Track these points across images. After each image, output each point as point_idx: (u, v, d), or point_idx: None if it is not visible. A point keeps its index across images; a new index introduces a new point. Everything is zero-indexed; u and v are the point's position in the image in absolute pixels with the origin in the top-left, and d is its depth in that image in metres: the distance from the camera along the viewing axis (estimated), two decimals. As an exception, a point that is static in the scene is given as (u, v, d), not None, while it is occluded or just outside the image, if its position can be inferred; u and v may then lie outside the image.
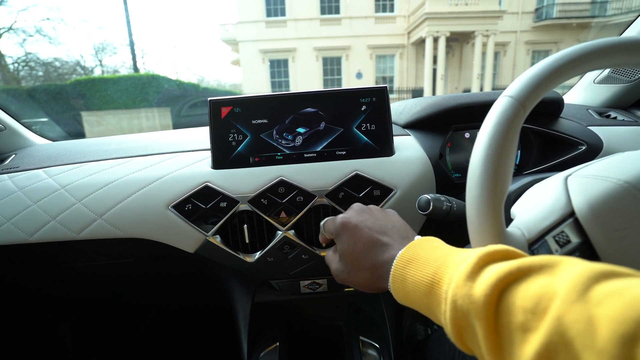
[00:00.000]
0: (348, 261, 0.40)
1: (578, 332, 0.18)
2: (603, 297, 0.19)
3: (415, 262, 0.32)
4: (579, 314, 0.19)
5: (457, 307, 0.25)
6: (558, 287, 0.21)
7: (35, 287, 0.89)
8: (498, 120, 0.36)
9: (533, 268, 0.23)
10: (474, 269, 0.26)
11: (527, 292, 0.22)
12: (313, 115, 0.57)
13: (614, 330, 0.17)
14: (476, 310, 0.24)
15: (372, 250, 0.37)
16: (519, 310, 0.22)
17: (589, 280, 0.20)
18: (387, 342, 0.68)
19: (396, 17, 15.10)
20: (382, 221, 0.40)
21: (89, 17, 16.18)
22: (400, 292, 0.32)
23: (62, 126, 1.80)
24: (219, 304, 1.01)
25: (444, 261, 0.29)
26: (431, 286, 0.29)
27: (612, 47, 0.38)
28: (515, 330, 0.22)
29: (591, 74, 0.82)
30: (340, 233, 0.41)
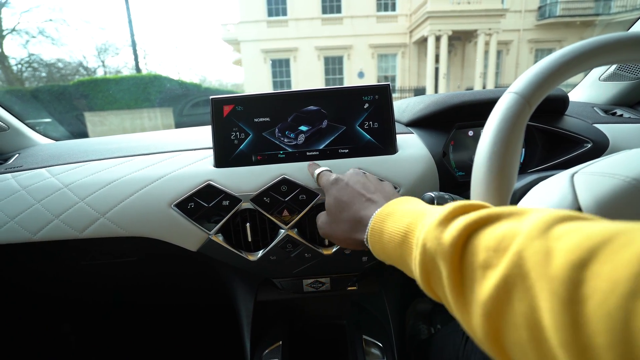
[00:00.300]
0: (331, 213, 0.41)
1: (535, 264, 0.18)
2: (564, 233, 0.19)
3: (393, 216, 0.32)
4: (538, 248, 0.19)
5: (425, 251, 0.26)
6: (522, 227, 0.21)
7: (38, 285, 0.90)
8: (503, 117, 0.35)
9: (502, 215, 0.24)
10: (447, 217, 0.26)
11: (493, 233, 0.22)
12: (315, 114, 0.56)
13: (567, 258, 0.17)
14: (443, 251, 0.24)
15: (355, 204, 0.38)
16: (482, 250, 0.22)
17: (552, 221, 0.20)
18: (390, 342, 0.68)
19: (398, 16, 15.06)
20: (372, 184, 0.41)
21: (92, 18, 16.25)
22: (377, 245, 0.33)
23: (65, 126, 1.81)
24: (221, 303, 1.01)
25: (421, 213, 0.30)
26: (405, 235, 0.29)
27: (619, 42, 0.37)
28: (477, 268, 0.22)
29: (596, 71, 0.81)
30: (330, 187, 0.43)
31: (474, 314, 0.21)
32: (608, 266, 0.15)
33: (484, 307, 0.20)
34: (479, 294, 0.21)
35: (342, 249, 0.57)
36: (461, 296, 0.23)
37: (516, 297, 0.19)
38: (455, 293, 0.23)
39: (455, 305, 0.23)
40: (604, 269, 0.15)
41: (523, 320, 0.18)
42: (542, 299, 0.17)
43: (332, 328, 0.80)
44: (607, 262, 0.16)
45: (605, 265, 0.16)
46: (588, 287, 0.16)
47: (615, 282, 0.15)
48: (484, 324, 0.21)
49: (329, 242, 0.58)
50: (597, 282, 0.15)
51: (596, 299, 0.15)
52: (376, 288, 0.71)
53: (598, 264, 0.16)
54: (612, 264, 0.15)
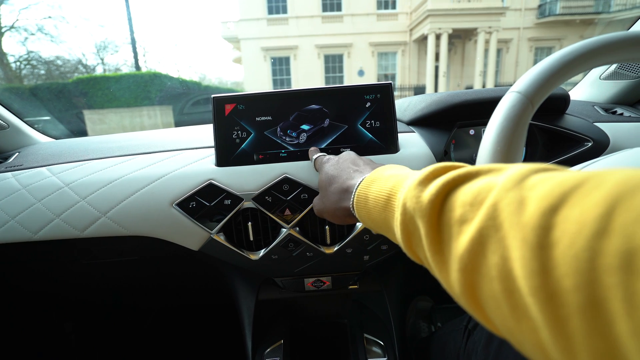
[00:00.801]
0: (322, 188, 0.43)
1: (508, 214, 0.18)
2: (537, 182, 0.18)
3: (377, 181, 0.32)
4: (512, 198, 0.18)
5: (405, 211, 0.26)
6: (498, 180, 0.21)
7: (39, 285, 0.90)
8: (506, 116, 0.35)
9: (481, 172, 0.23)
10: (427, 177, 0.26)
11: (470, 189, 0.22)
12: (317, 112, 0.56)
13: (539, 205, 0.17)
14: (421, 210, 0.24)
15: (342, 176, 0.39)
16: (459, 205, 0.22)
17: (528, 172, 0.20)
18: (391, 340, 0.68)
19: (398, 14, 15.02)
20: (362, 160, 0.42)
21: (91, 16, 16.17)
22: (363, 210, 0.33)
23: (65, 124, 1.80)
24: (223, 302, 1.02)
25: (404, 176, 0.30)
26: (388, 198, 0.29)
27: (620, 42, 0.37)
28: (454, 224, 0.22)
29: (597, 70, 0.81)
30: (322, 166, 0.45)
31: (451, 269, 0.21)
32: (577, 209, 0.15)
33: (460, 261, 0.20)
34: (455, 249, 0.21)
35: (344, 248, 0.57)
36: (439, 253, 0.23)
37: (490, 249, 0.19)
38: (433, 251, 0.23)
39: (434, 263, 0.23)
40: (573, 212, 0.15)
41: (496, 271, 0.18)
42: (514, 248, 0.17)
43: (333, 327, 0.80)
44: (576, 205, 0.15)
45: (574, 208, 0.15)
46: (557, 231, 0.15)
47: (582, 224, 0.15)
48: (460, 278, 0.20)
49: (331, 241, 0.58)
50: (565, 225, 0.15)
51: (564, 242, 0.15)
52: (377, 287, 0.71)
53: (567, 208, 0.16)
54: (580, 207, 0.15)
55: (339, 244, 0.57)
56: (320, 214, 0.44)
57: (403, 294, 0.75)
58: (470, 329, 0.53)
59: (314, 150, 0.53)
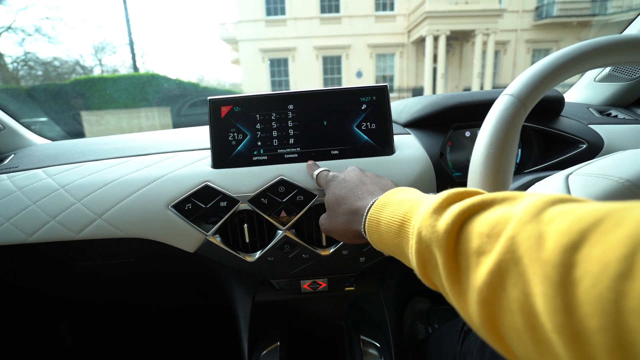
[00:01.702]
0: (330, 208, 0.42)
1: (527, 248, 0.18)
2: (555, 216, 0.18)
3: (389, 205, 0.32)
4: (531, 232, 0.19)
5: (421, 239, 0.26)
6: (515, 212, 0.21)
7: (35, 287, 0.89)
8: (499, 119, 0.36)
9: (496, 200, 0.24)
10: (442, 204, 0.26)
11: (486, 219, 0.22)
12: (313, 114, 0.56)
13: (559, 241, 0.17)
14: (437, 239, 0.24)
15: (352, 197, 0.39)
16: (476, 236, 0.22)
17: (544, 204, 0.20)
18: (387, 341, 0.68)
19: (396, 15, 15.07)
20: (368, 178, 0.42)
21: (89, 17, 16.14)
22: (375, 234, 0.33)
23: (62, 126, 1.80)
24: (219, 304, 1.01)
25: (417, 202, 0.30)
26: (402, 224, 0.29)
27: (613, 45, 0.37)
28: (471, 255, 0.22)
29: (592, 72, 0.81)
30: (328, 184, 0.45)
31: (470, 301, 0.21)
32: (599, 248, 0.15)
33: (479, 293, 0.20)
34: (474, 281, 0.21)
35: (339, 249, 0.57)
36: (457, 284, 0.23)
37: (510, 283, 0.19)
38: (451, 281, 0.23)
39: (451, 293, 0.23)
40: (595, 251, 0.15)
41: (517, 305, 0.18)
42: (535, 284, 0.17)
43: (329, 328, 0.80)
44: (598, 244, 0.15)
45: (596, 247, 0.15)
46: (579, 270, 0.15)
47: (605, 264, 0.15)
48: (479, 310, 0.21)
49: (327, 243, 0.58)
50: (588, 264, 0.15)
51: (587, 281, 0.15)
52: (374, 288, 0.71)
53: (589, 246, 0.16)
54: (602, 246, 0.15)
55: (334, 246, 0.58)
56: (328, 234, 0.44)
57: (400, 295, 0.75)
58: (466, 331, 0.53)
59: (313, 166, 0.53)
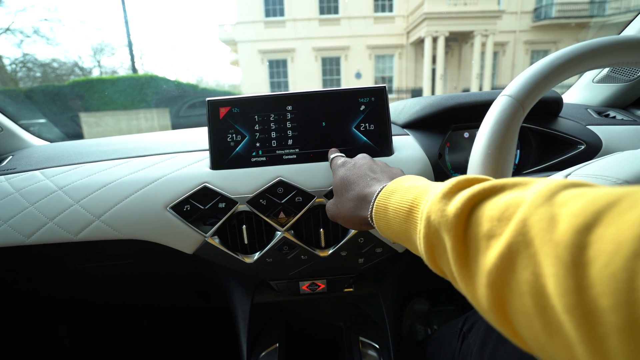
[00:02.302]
0: (337, 193, 0.42)
1: (539, 230, 0.18)
2: (568, 199, 0.18)
3: (397, 192, 0.32)
4: (543, 215, 0.18)
5: (430, 224, 0.26)
6: (527, 196, 0.21)
7: (33, 289, 0.89)
8: (497, 120, 0.36)
9: (507, 185, 0.23)
10: (451, 190, 0.26)
11: (497, 203, 0.22)
12: (312, 115, 0.56)
13: (572, 222, 0.17)
14: (447, 223, 0.24)
15: (360, 182, 0.39)
16: (486, 220, 0.22)
17: (557, 188, 0.20)
18: (386, 343, 0.68)
19: (395, 17, 15.11)
20: (378, 167, 0.42)
21: (87, 18, 16.12)
22: (382, 221, 0.33)
23: (60, 127, 1.79)
24: (218, 305, 1.01)
25: (426, 188, 0.30)
26: (410, 210, 0.29)
27: (611, 46, 0.38)
28: (481, 238, 0.21)
29: (590, 73, 0.81)
30: (338, 169, 0.44)
31: (479, 284, 0.21)
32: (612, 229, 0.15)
33: (489, 276, 0.20)
34: (483, 264, 0.21)
35: (338, 251, 0.57)
36: (465, 268, 0.23)
37: (520, 265, 0.19)
38: (460, 265, 0.23)
39: (459, 277, 0.23)
40: (609, 231, 0.15)
41: (527, 287, 0.18)
42: (547, 265, 0.17)
43: (328, 330, 0.80)
44: (612, 224, 0.15)
45: (609, 228, 0.15)
46: (592, 250, 0.15)
47: (619, 244, 0.14)
48: (488, 294, 0.20)
49: (326, 244, 0.58)
50: (601, 244, 0.15)
51: (600, 261, 0.15)
52: (373, 289, 0.71)
53: (602, 227, 0.16)
54: (616, 227, 0.15)
55: (333, 247, 0.57)
56: (333, 219, 0.44)
57: (399, 296, 0.75)
58: (465, 332, 0.53)
59: (333, 150, 0.53)
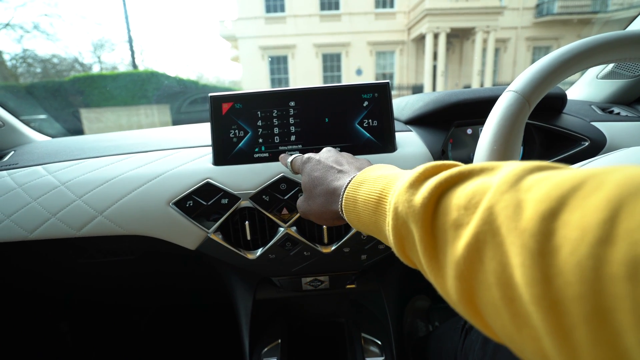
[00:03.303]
0: (307, 190, 0.41)
1: (505, 218, 0.18)
2: (533, 183, 0.18)
3: (366, 183, 0.32)
4: (508, 201, 0.18)
5: (397, 215, 0.25)
6: (493, 182, 0.20)
7: (35, 284, 0.89)
8: (503, 115, 0.35)
9: (474, 171, 0.23)
10: (418, 178, 0.25)
11: (464, 191, 0.21)
12: (315, 111, 0.56)
13: (537, 208, 0.16)
14: (414, 214, 0.23)
15: (327, 177, 0.38)
16: (453, 209, 0.21)
17: (523, 172, 0.19)
18: (388, 339, 0.68)
19: (396, 13, 15.02)
20: (344, 159, 0.41)
21: (87, 14, 16.06)
22: (352, 213, 0.33)
23: (61, 123, 1.79)
24: (220, 301, 1.01)
25: (394, 177, 0.29)
26: (378, 201, 0.29)
27: (618, 41, 0.37)
28: (448, 228, 0.21)
29: (594, 69, 0.81)
30: (303, 167, 0.43)
31: (447, 276, 0.21)
32: (577, 213, 0.15)
33: (457, 268, 0.20)
34: (451, 255, 0.20)
35: (341, 247, 0.57)
36: (434, 259, 0.22)
37: (488, 255, 0.18)
38: (428, 256, 0.22)
39: (428, 269, 0.23)
40: (574, 216, 0.15)
41: (495, 278, 0.17)
42: (513, 255, 0.16)
43: (330, 326, 0.80)
44: (577, 209, 0.15)
45: (574, 212, 0.15)
46: (558, 237, 0.15)
47: (584, 230, 0.14)
48: (457, 285, 0.20)
49: (329, 241, 0.58)
50: (566, 231, 0.15)
51: (566, 249, 0.14)
52: (375, 286, 0.71)
53: (567, 212, 0.15)
54: (581, 211, 0.15)
55: (336, 244, 0.57)
56: (306, 216, 0.43)
57: (401, 293, 0.75)
58: (468, 328, 0.53)
59: (285, 156, 0.50)
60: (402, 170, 0.31)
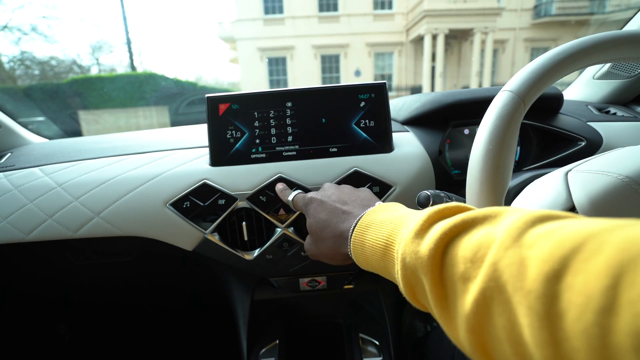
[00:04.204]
0: (314, 233, 0.41)
1: (510, 276, 0.18)
2: (535, 240, 0.18)
3: (372, 227, 0.32)
4: (512, 258, 0.18)
5: (406, 265, 0.25)
6: (496, 234, 0.20)
7: (32, 286, 0.89)
8: (498, 115, 0.35)
9: (477, 219, 0.23)
10: (423, 226, 0.26)
11: (469, 242, 0.22)
12: (312, 112, 0.56)
13: (541, 269, 0.17)
14: (422, 265, 0.24)
15: (334, 220, 0.38)
16: (460, 261, 0.22)
17: (525, 225, 0.20)
18: (387, 340, 0.68)
19: (395, 14, 15.06)
20: (346, 194, 0.41)
21: (85, 16, 16.05)
22: (361, 257, 0.33)
23: (59, 125, 1.78)
24: (218, 303, 1.01)
25: (399, 222, 0.29)
26: (386, 248, 0.29)
27: (613, 40, 0.37)
28: (457, 280, 0.21)
29: (591, 69, 0.81)
30: (307, 208, 0.43)
31: (459, 328, 0.21)
32: (580, 277, 0.15)
33: (467, 322, 0.20)
34: (462, 308, 0.21)
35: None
36: (445, 310, 0.23)
37: (496, 312, 0.19)
38: (440, 307, 0.23)
39: (441, 319, 0.23)
40: (577, 280, 0.15)
41: (505, 335, 0.18)
42: (521, 314, 0.17)
43: (328, 327, 0.80)
44: (580, 272, 0.15)
45: (577, 276, 0.15)
46: (563, 301, 0.15)
47: (588, 296, 0.14)
48: (469, 338, 0.20)
49: None
50: (571, 295, 0.15)
51: (572, 314, 0.15)
52: (373, 286, 0.71)
53: (571, 275, 0.16)
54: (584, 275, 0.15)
55: None
56: (316, 258, 0.43)
57: (399, 293, 0.74)
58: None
59: (285, 190, 0.50)
60: (406, 212, 0.31)
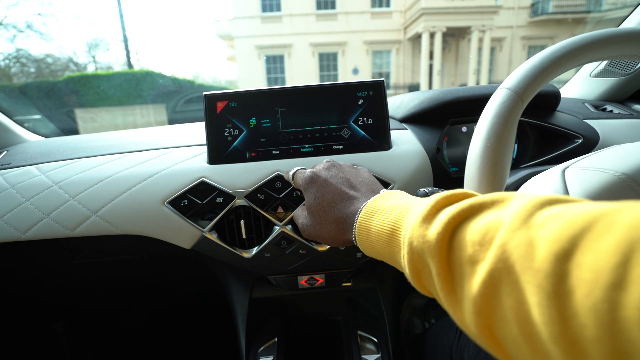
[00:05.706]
0: (315, 215, 0.39)
1: (519, 256, 0.18)
2: (544, 221, 0.18)
3: (379, 212, 0.32)
4: (521, 239, 0.19)
5: (412, 249, 0.25)
6: (505, 217, 0.21)
7: (29, 285, 0.88)
8: (496, 112, 0.35)
9: (485, 204, 0.23)
10: (430, 211, 0.26)
11: (477, 226, 0.22)
12: (310, 109, 0.56)
13: (550, 249, 0.17)
14: (429, 249, 0.24)
15: (339, 203, 0.37)
16: (468, 244, 0.22)
17: (533, 207, 0.20)
18: (385, 337, 0.68)
19: (392, 12, 15.04)
20: (351, 176, 0.40)
21: (82, 13, 15.92)
22: (366, 243, 0.33)
23: (55, 123, 1.77)
24: (216, 301, 1.01)
25: (406, 208, 0.29)
26: (392, 233, 0.29)
27: (610, 38, 0.37)
28: (465, 263, 0.21)
29: (588, 67, 0.82)
30: (309, 187, 0.40)
31: (466, 310, 0.21)
32: (590, 256, 0.15)
33: (474, 303, 0.20)
34: (469, 291, 0.21)
35: (336, 245, 0.57)
36: (452, 293, 0.23)
37: (504, 292, 0.19)
38: (446, 290, 0.23)
39: (446, 302, 0.23)
40: (587, 258, 0.15)
41: (512, 315, 0.18)
42: (529, 293, 0.17)
43: (327, 324, 0.80)
44: (589, 251, 0.15)
45: (587, 254, 0.15)
46: (572, 279, 0.15)
47: (598, 273, 0.15)
48: (476, 320, 0.20)
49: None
50: (580, 272, 0.15)
51: (581, 291, 0.15)
52: (371, 284, 0.71)
53: (580, 253, 0.16)
54: (594, 253, 0.15)
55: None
56: (312, 239, 0.41)
57: (397, 290, 0.75)
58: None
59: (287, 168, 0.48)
60: (413, 199, 0.31)
